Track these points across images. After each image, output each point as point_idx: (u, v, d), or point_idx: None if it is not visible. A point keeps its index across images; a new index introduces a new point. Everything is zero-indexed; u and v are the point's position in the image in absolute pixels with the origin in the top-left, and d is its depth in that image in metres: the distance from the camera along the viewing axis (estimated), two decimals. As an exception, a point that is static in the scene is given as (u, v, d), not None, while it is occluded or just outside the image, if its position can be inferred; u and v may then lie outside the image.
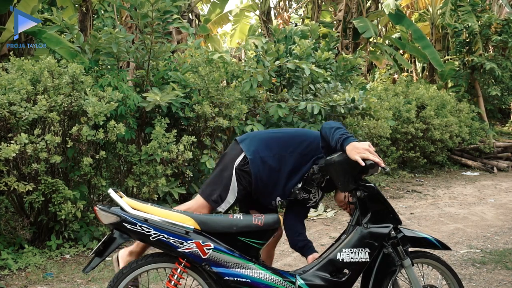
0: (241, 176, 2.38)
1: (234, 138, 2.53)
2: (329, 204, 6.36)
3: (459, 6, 11.55)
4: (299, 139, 2.49)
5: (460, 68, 11.84)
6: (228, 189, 2.39)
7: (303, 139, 2.49)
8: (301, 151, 2.45)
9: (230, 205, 2.42)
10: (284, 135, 2.53)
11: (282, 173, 2.43)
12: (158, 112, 4.76)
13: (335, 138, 2.25)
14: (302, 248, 2.57)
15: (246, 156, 2.40)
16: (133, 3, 4.61)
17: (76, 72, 4.07)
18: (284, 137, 2.51)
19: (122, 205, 2.13)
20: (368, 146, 2.18)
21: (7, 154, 3.46)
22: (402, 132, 8.50)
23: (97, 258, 2.14)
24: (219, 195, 2.38)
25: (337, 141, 2.24)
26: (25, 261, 3.81)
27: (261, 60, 5.52)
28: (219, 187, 2.39)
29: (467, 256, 4.22)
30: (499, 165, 9.58)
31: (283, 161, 2.43)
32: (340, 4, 11.90)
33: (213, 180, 2.44)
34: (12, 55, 4.50)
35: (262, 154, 2.41)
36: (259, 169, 2.39)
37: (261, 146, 2.44)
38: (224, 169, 2.41)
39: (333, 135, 2.27)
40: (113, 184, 4.86)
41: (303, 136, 2.51)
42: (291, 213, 2.64)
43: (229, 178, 2.38)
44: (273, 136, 2.51)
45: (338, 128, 2.29)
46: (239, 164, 2.39)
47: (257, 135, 2.54)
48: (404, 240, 2.35)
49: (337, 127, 2.29)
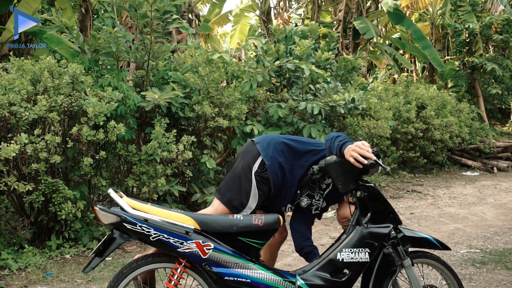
0: (261, 182, 2.37)
1: (251, 139, 2.53)
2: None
3: (459, 6, 11.56)
4: (314, 152, 2.50)
5: (460, 68, 11.85)
6: (249, 196, 2.37)
7: (317, 151, 2.51)
8: (312, 163, 2.46)
9: (252, 210, 2.40)
10: (300, 147, 2.52)
11: (294, 180, 2.45)
12: (158, 112, 4.76)
13: (335, 146, 2.28)
14: (308, 254, 2.56)
15: (263, 161, 2.40)
16: (131, 3, 4.61)
17: (76, 72, 4.07)
18: (300, 148, 2.50)
19: (122, 205, 2.13)
20: (361, 144, 2.20)
21: (7, 154, 3.46)
22: (402, 132, 8.50)
23: (97, 258, 2.14)
24: (240, 202, 2.37)
25: (336, 148, 2.26)
26: (25, 261, 3.81)
27: (261, 60, 5.52)
28: (239, 193, 2.37)
29: (467, 256, 4.22)
30: (499, 165, 9.58)
31: (295, 169, 2.45)
32: (340, 4, 11.89)
33: (232, 185, 2.41)
34: (12, 55, 4.50)
35: (280, 160, 2.43)
36: (276, 175, 2.40)
37: (277, 151, 2.44)
38: (242, 174, 2.39)
39: (333, 144, 2.30)
40: (113, 184, 4.86)
41: (317, 148, 2.53)
42: (299, 217, 2.62)
43: (249, 184, 2.36)
44: (289, 144, 2.50)
45: (338, 137, 2.31)
46: (258, 170, 2.39)
47: (274, 139, 2.52)
48: (404, 240, 2.35)
49: (337, 136, 2.32)
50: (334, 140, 2.30)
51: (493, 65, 10.55)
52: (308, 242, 2.58)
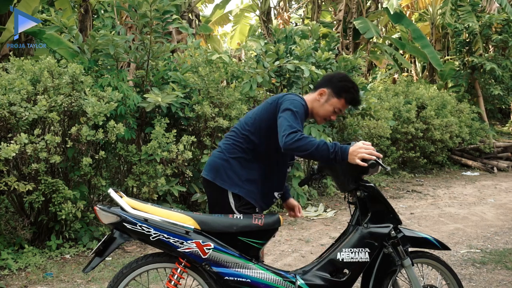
0: (247, 208, 2.31)
1: (202, 177, 2.41)
2: (329, 204, 6.36)
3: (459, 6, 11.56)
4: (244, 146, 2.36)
5: (460, 68, 11.85)
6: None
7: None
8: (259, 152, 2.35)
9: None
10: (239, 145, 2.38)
11: (270, 177, 2.39)
12: (158, 112, 4.76)
13: (333, 154, 2.12)
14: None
15: (234, 194, 2.29)
16: (131, 3, 4.60)
17: (76, 72, 4.07)
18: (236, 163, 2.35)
19: (122, 205, 2.13)
20: (362, 145, 2.15)
21: (7, 154, 3.46)
22: (402, 132, 8.50)
23: (97, 258, 2.14)
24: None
25: (338, 156, 2.13)
26: (25, 261, 3.81)
27: (261, 61, 5.52)
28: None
29: (467, 256, 4.22)
30: (499, 165, 9.58)
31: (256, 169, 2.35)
32: (340, 4, 11.90)
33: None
34: (12, 55, 4.50)
35: (243, 179, 2.31)
36: (254, 192, 2.32)
37: (233, 171, 2.32)
38: (225, 213, 2.28)
39: (325, 153, 2.12)
40: (113, 184, 4.86)
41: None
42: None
43: (237, 216, 2.25)
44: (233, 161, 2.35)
45: (321, 145, 2.12)
46: (237, 204, 2.29)
47: (216, 161, 2.38)
48: (404, 240, 2.35)
49: (318, 144, 2.12)
50: (321, 147, 2.11)
51: (492, 64, 10.54)
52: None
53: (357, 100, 2.42)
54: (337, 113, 2.43)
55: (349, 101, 2.40)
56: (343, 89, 2.37)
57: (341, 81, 2.39)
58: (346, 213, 5.86)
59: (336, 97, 2.37)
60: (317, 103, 2.41)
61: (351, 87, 2.38)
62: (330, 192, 6.77)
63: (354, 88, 2.39)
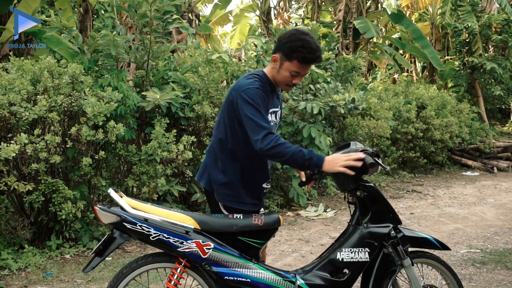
0: (238, 213, 2.29)
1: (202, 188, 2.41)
2: (329, 204, 6.36)
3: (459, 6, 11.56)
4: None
5: (460, 68, 11.84)
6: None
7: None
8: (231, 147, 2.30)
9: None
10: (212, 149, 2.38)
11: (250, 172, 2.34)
12: (158, 112, 4.76)
13: (301, 162, 2.11)
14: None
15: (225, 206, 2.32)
16: (131, 3, 4.60)
17: (76, 72, 4.07)
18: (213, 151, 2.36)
19: (122, 204, 2.13)
20: (344, 156, 2.13)
21: (7, 154, 3.46)
22: (402, 132, 8.50)
23: (97, 258, 2.14)
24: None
25: (311, 165, 2.12)
26: (25, 261, 3.81)
27: (261, 60, 5.52)
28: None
29: (467, 256, 4.22)
30: (499, 165, 9.58)
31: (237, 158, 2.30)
32: (340, 4, 11.90)
33: None
34: (12, 55, 4.51)
35: (219, 183, 2.30)
36: (231, 195, 2.30)
37: (215, 170, 2.31)
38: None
39: (296, 160, 2.10)
40: (113, 184, 4.86)
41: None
42: None
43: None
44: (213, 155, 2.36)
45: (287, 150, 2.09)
46: (227, 206, 2.30)
47: (203, 169, 2.41)
48: (404, 240, 2.35)
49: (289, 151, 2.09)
50: (296, 154, 2.09)
51: (492, 64, 10.54)
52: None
53: (309, 58, 2.19)
54: (297, 76, 2.25)
55: (302, 61, 2.19)
56: (291, 50, 2.18)
57: (288, 42, 2.20)
58: (346, 213, 5.86)
59: (288, 60, 2.20)
60: (275, 71, 2.28)
61: (299, 46, 2.16)
62: (330, 192, 6.77)
63: (304, 45, 2.16)
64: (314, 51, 2.19)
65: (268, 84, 2.30)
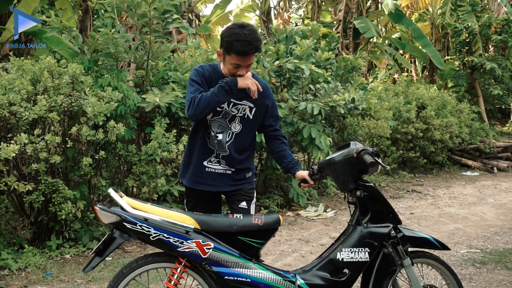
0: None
1: None
2: (329, 204, 6.36)
3: (459, 6, 11.55)
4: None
5: (460, 68, 11.84)
6: None
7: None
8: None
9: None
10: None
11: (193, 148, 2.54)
12: (158, 112, 4.76)
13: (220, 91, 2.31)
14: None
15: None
16: (129, 4, 4.60)
17: (76, 72, 4.07)
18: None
19: (122, 204, 2.13)
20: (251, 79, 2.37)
21: (6, 155, 3.46)
22: (402, 132, 8.50)
23: (97, 258, 2.14)
24: None
25: (228, 87, 2.32)
26: (25, 261, 3.81)
27: (261, 61, 5.52)
28: None
29: (467, 256, 4.22)
30: (499, 165, 9.58)
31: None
32: (340, 4, 11.90)
33: None
34: (12, 55, 4.50)
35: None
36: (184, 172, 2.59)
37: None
38: None
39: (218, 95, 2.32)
40: (113, 184, 4.86)
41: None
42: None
43: None
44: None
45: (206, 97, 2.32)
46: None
47: None
48: (404, 240, 2.35)
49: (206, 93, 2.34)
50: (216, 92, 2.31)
51: (492, 64, 10.54)
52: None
53: (243, 50, 2.28)
54: (240, 68, 2.36)
55: (237, 53, 2.29)
56: (228, 44, 2.30)
57: (226, 37, 2.32)
58: (346, 213, 5.86)
59: (227, 54, 2.33)
60: (221, 65, 2.46)
61: (234, 40, 2.26)
62: (330, 192, 6.77)
63: (238, 39, 2.25)
64: (247, 43, 2.27)
65: (218, 74, 2.45)
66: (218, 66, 2.49)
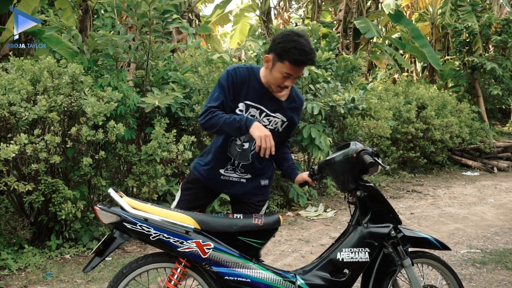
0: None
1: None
2: (329, 204, 6.36)
3: (459, 6, 11.56)
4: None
5: (460, 68, 11.84)
6: None
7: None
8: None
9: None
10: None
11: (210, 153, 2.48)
12: (158, 112, 4.76)
13: (233, 126, 2.18)
14: None
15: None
16: (129, 4, 4.60)
17: (76, 72, 4.07)
18: None
19: (122, 204, 2.13)
20: (266, 132, 2.14)
21: (6, 155, 3.46)
22: (402, 132, 8.50)
23: (97, 258, 2.14)
24: None
25: (242, 123, 2.16)
26: (25, 261, 3.81)
27: (261, 61, 5.52)
28: None
29: (467, 256, 4.22)
30: (499, 165, 9.58)
31: None
32: (340, 4, 11.90)
33: None
34: (12, 55, 4.50)
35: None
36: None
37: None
38: None
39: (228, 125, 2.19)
40: (113, 184, 4.86)
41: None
42: None
43: None
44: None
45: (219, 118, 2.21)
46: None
47: None
48: (404, 240, 2.35)
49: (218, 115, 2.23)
50: (228, 120, 2.19)
51: (492, 64, 10.54)
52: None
53: (301, 60, 2.15)
54: (288, 78, 2.22)
55: (293, 62, 2.15)
56: (284, 51, 2.15)
57: (280, 42, 2.17)
58: (346, 213, 5.86)
59: (279, 61, 2.17)
60: (267, 71, 2.26)
61: (291, 47, 2.13)
62: (330, 192, 6.77)
63: (297, 46, 2.13)
64: (306, 53, 2.15)
65: (256, 80, 2.31)
66: (257, 70, 2.32)
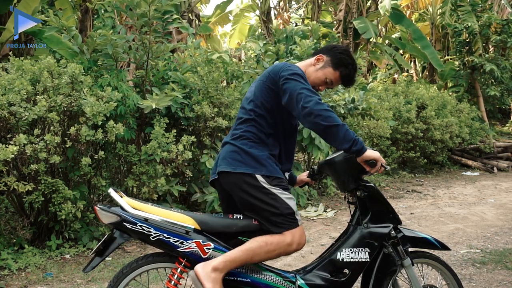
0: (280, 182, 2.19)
1: (216, 174, 2.25)
2: (329, 204, 6.36)
3: (459, 6, 11.57)
4: None
5: (460, 68, 11.85)
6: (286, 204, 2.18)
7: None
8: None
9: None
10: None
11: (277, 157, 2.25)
12: (158, 112, 4.76)
13: (343, 138, 2.02)
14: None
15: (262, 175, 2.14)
16: (129, 4, 4.60)
17: (76, 72, 4.07)
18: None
19: (123, 204, 2.12)
20: (378, 156, 2.10)
21: (5, 156, 3.46)
22: (402, 132, 8.50)
23: (97, 258, 2.14)
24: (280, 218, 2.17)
25: (350, 145, 2.04)
26: (25, 261, 3.81)
27: (261, 61, 5.53)
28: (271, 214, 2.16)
29: (467, 256, 4.22)
30: (499, 165, 9.58)
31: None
32: (340, 4, 11.90)
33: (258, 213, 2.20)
34: (12, 55, 4.50)
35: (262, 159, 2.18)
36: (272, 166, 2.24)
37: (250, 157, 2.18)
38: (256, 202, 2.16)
39: (340, 133, 2.02)
40: (113, 184, 4.86)
41: None
42: None
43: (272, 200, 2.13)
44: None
45: (335, 117, 2.04)
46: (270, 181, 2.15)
47: (224, 152, 2.26)
48: (404, 240, 2.35)
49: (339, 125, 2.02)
50: (342, 127, 2.03)
51: (492, 65, 10.54)
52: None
53: (351, 78, 2.33)
54: (327, 85, 2.32)
55: (343, 77, 2.30)
56: (342, 62, 2.28)
57: (342, 54, 2.31)
58: (346, 213, 5.86)
59: (333, 68, 2.29)
60: (312, 68, 2.31)
61: (350, 63, 2.30)
62: (330, 192, 6.77)
63: (353, 65, 2.31)
64: (354, 77, 2.34)
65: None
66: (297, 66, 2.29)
